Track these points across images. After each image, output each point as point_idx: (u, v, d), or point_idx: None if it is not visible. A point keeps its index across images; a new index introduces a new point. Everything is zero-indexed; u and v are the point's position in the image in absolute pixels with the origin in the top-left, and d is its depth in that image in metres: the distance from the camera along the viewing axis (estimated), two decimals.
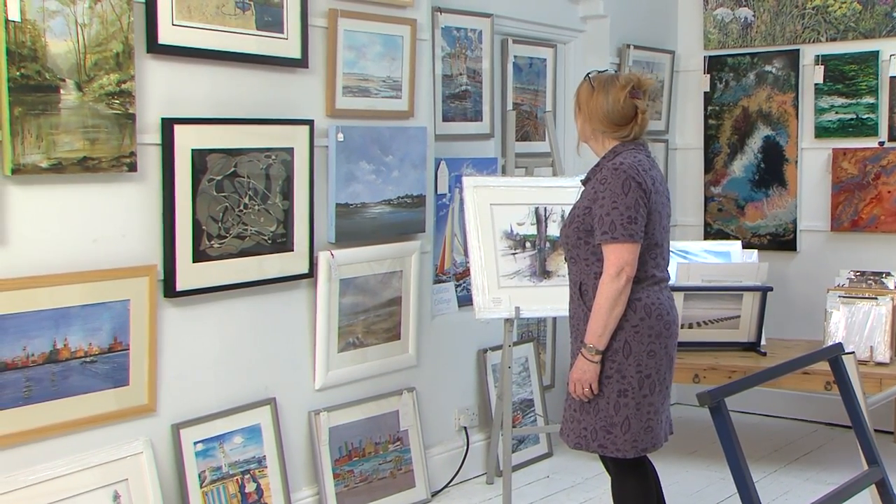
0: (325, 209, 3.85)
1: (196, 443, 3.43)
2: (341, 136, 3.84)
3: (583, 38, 5.37)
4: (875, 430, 3.29)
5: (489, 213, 4.15)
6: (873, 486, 2.94)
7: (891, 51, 5.21)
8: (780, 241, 5.60)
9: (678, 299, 4.69)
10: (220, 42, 3.41)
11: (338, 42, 3.82)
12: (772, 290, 4.86)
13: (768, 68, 5.59)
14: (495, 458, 4.54)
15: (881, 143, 5.26)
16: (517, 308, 4.08)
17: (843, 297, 4.78)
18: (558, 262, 4.17)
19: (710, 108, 5.80)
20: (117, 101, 3.09)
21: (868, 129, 5.29)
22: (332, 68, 3.82)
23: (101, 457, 3.15)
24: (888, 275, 4.84)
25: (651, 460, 3.25)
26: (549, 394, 5.04)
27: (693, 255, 5.13)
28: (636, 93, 3.11)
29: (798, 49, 5.48)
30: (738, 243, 5.28)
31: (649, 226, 3.05)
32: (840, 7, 5.34)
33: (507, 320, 4.13)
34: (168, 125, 3.27)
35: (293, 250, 3.70)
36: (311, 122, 3.72)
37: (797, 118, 5.50)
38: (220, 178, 3.43)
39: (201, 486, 3.44)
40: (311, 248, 3.76)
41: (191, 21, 3.31)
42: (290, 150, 3.65)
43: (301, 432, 3.85)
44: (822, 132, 5.44)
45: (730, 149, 5.76)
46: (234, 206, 3.48)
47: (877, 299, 4.71)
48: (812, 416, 5.50)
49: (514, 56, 4.98)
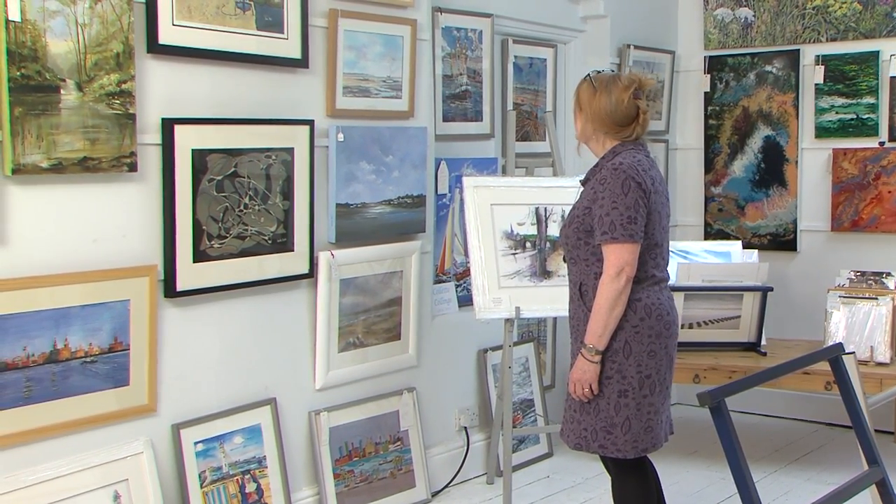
0: (325, 209, 3.85)
1: (196, 443, 3.43)
2: (341, 137, 3.84)
3: (583, 39, 5.37)
4: (875, 431, 3.29)
5: (489, 213, 4.15)
6: (874, 486, 2.94)
7: (891, 51, 5.21)
8: (781, 241, 5.60)
9: (678, 299, 4.69)
10: (221, 42, 3.41)
11: (338, 42, 3.82)
12: (772, 290, 4.86)
13: (768, 68, 5.59)
14: (495, 459, 4.54)
15: (881, 144, 5.26)
16: (517, 308, 4.08)
17: (844, 297, 4.78)
18: (558, 262, 4.17)
19: (710, 108, 5.80)
20: (117, 101, 3.09)
21: (868, 129, 5.29)
22: (332, 68, 3.82)
23: (102, 457, 3.15)
24: (888, 275, 4.83)
25: (651, 460, 3.24)
26: (549, 394, 5.04)
27: (693, 256, 5.13)
28: (638, 93, 3.11)
29: (798, 49, 5.48)
30: (739, 243, 5.28)
31: (649, 226, 3.05)
32: (840, 7, 5.34)
33: (507, 320, 4.13)
34: (168, 125, 3.27)
35: (293, 250, 3.70)
36: (311, 123, 3.72)
37: (797, 118, 5.50)
38: (220, 178, 3.43)
39: (201, 487, 3.44)
40: (311, 248, 3.76)
41: (191, 21, 3.31)
42: (290, 151, 3.65)
43: (301, 432, 3.85)
44: (822, 132, 5.44)
45: (730, 149, 5.76)
46: (235, 206, 3.48)
47: (877, 299, 4.71)
48: (812, 417, 5.50)
49: (515, 56, 4.98)
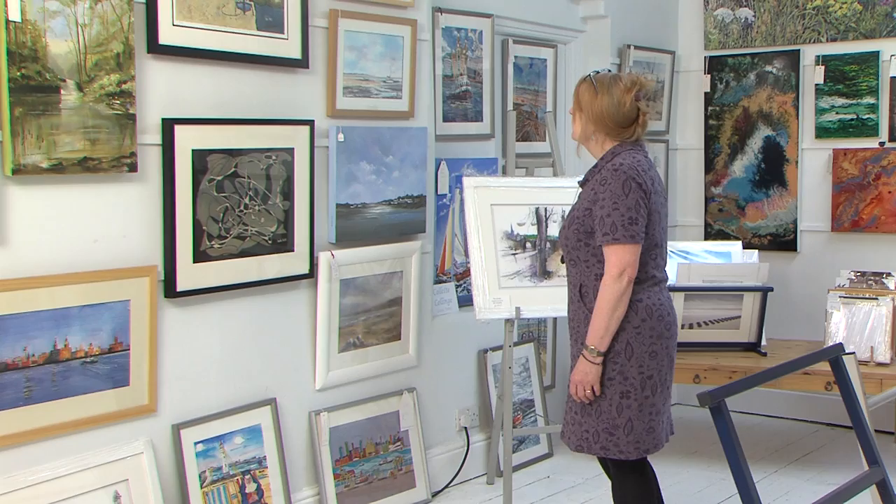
0: (325, 209, 3.85)
1: (196, 443, 3.43)
2: (342, 137, 3.85)
3: (583, 39, 5.37)
4: (876, 431, 3.29)
5: (490, 213, 4.15)
6: (874, 486, 2.94)
7: (891, 51, 5.21)
8: (781, 241, 5.60)
9: (679, 300, 4.70)
10: (221, 42, 3.41)
11: (338, 42, 3.83)
12: (772, 290, 4.86)
13: (769, 69, 5.59)
14: (496, 459, 4.54)
15: (881, 144, 5.26)
16: (518, 308, 4.08)
17: (844, 297, 4.78)
18: (559, 263, 4.17)
19: (710, 108, 5.80)
20: (118, 102, 3.09)
21: (868, 129, 5.29)
22: (332, 69, 3.82)
23: (102, 457, 3.15)
24: (889, 275, 4.83)
25: (650, 461, 3.24)
26: (549, 394, 5.04)
27: (694, 256, 5.13)
28: (639, 94, 3.11)
29: (798, 49, 5.48)
30: (739, 244, 5.28)
31: (649, 226, 3.04)
32: (840, 7, 5.34)
33: (507, 321, 4.13)
34: (168, 125, 3.27)
35: (294, 251, 3.70)
36: (311, 123, 3.72)
37: (798, 118, 5.50)
38: (220, 178, 3.43)
39: (202, 487, 3.44)
40: (311, 249, 3.76)
41: (191, 21, 3.31)
42: (290, 151, 3.65)
43: (301, 433, 3.85)
44: (822, 132, 5.44)
45: (730, 149, 5.76)
46: (235, 206, 3.48)
47: (877, 300, 4.71)
48: (813, 417, 5.50)
49: (515, 56, 4.98)
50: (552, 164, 4.59)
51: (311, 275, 3.78)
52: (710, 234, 5.82)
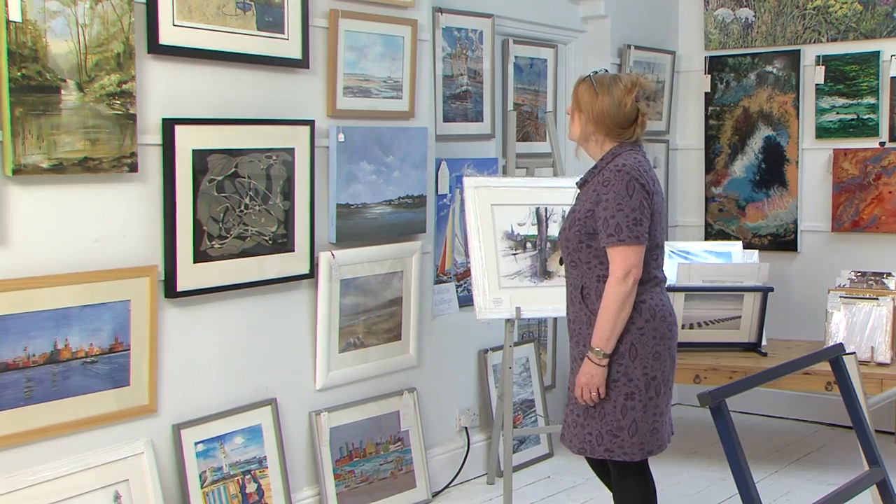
0: (325, 209, 3.85)
1: (197, 443, 3.43)
2: (342, 137, 3.85)
3: (583, 39, 5.37)
4: (876, 431, 3.29)
5: (490, 213, 4.15)
6: (874, 486, 2.94)
7: (892, 51, 5.21)
8: (781, 241, 5.60)
9: (679, 300, 4.71)
10: (221, 42, 3.41)
11: (339, 42, 3.82)
12: (773, 290, 4.86)
13: (769, 69, 5.59)
14: (496, 459, 4.54)
15: (882, 144, 5.26)
16: (518, 308, 4.08)
17: (844, 297, 4.78)
18: (559, 263, 4.16)
19: (710, 108, 5.80)
20: (118, 102, 3.09)
21: (869, 129, 5.29)
22: (332, 69, 3.82)
23: (102, 457, 3.15)
24: (889, 275, 4.83)
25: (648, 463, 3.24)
26: (549, 394, 5.04)
27: (694, 256, 5.13)
28: (638, 95, 3.11)
29: (799, 49, 5.48)
30: (739, 244, 5.28)
31: (651, 227, 3.04)
32: (841, 7, 5.34)
33: (507, 321, 4.13)
34: (169, 125, 3.27)
35: (294, 251, 3.70)
36: (311, 123, 3.72)
37: (798, 119, 5.50)
38: (220, 178, 3.43)
39: (202, 487, 3.44)
40: (311, 249, 3.76)
41: (192, 21, 3.31)
42: (290, 151, 3.65)
43: (302, 433, 3.85)
44: (822, 133, 5.44)
45: (731, 149, 5.76)
46: (235, 206, 3.48)
47: (878, 300, 4.71)
48: (813, 417, 5.50)
49: (515, 56, 4.98)
50: (552, 164, 4.59)
51: (312, 275, 3.78)
52: (711, 234, 5.82)
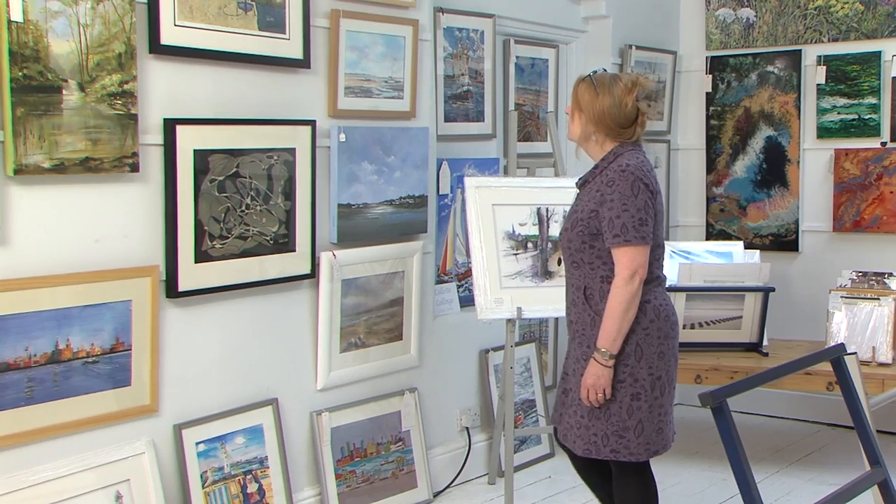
0: (326, 210, 3.85)
1: (198, 443, 3.43)
2: (343, 137, 3.85)
3: (585, 39, 5.37)
4: (877, 431, 3.29)
5: (491, 213, 4.15)
6: (876, 486, 2.93)
7: (893, 51, 5.21)
8: (782, 241, 5.60)
9: (680, 300, 4.71)
10: (223, 42, 3.41)
11: (340, 42, 3.82)
12: (774, 290, 4.86)
13: (770, 69, 5.59)
14: (497, 459, 4.54)
15: (883, 144, 5.25)
16: (519, 308, 4.08)
17: (846, 297, 4.78)
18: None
19: (711, 108, 5.80)
20: (119, 102, 3.09)
21: (870, 129, 5.29)
22: (334, 69, 3.82)
23: (103, 457, 3.15)
24: (890, 275, 4.83)
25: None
26: (551, 394, 5.03)
27: (695, 256, 5.13)
28: (639, 95, 3.10)
29: (800, 49, 5.47)
30: (740, 244, 5.28)
31: (654, 227, 3.04)
32: (842, 7, 5.34)
33: (509, 321, 4.13)
34: (170, 126, 3.27)
35: (295, 251, 3.70)
36: (313, 123, 3.72)
37: (799, 119, 5.50)
38: (222, 178, 3.43)
39: (203, 487, 3.44)
40: (312, 249, 3.76)
41: (193, 21, 3.31)
42: (292, 151, 3.65)
43: (303, 433, 3.85)
44: (824, 133, 5.44)
45: (732, 149, 5.75)
46: (236, 206, 3.48)
47: (879, 300, 4.71)
48: (814, 417, 5.50)
49: (516, 56, 4.98)
50: (553, 164, 4.59)
51: (313, 275, 3.78)
52: (712, 234, 5.82)
